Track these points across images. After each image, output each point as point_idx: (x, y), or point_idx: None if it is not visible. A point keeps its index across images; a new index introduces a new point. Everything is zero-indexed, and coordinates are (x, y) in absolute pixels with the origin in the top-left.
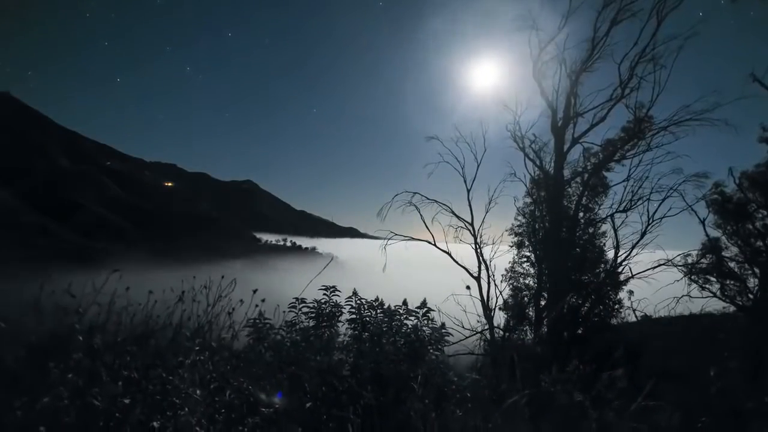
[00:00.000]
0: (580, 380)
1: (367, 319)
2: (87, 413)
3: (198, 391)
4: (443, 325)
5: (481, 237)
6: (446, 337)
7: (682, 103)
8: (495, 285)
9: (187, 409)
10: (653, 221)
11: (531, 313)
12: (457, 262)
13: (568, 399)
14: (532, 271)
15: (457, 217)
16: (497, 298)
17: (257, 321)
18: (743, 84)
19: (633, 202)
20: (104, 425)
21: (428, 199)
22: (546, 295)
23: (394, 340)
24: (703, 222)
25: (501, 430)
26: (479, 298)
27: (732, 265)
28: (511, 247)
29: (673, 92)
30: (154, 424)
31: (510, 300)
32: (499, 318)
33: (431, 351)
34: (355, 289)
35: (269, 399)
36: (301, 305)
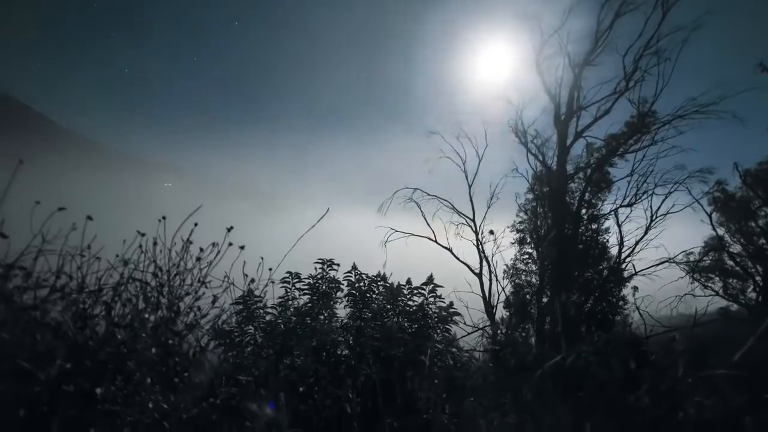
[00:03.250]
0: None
1: (369, 296)
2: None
3: (153, 350)
4: (451, 303)
5: (482, 233)
6: (454, 317)
7: (686, 98)
8: (497, 281)
9: (150, 379)
10: (657, 217)
11: (533, 310)
12: (458, 259)
13: (617, 368)
14: (534, 267)
15: (459, 213)
16: (499, 295)
17: (247, 298)
18: (751, 75)
19: (637, 197)
20: (33, 392)
21: (429, 195)
22: (548, 292)
23: (398, 320)
24: (710, 216)
25: (529, 409)
26: (481, 295)
27: (738, 260)
28: (513, 243)
29: (678, 86)
30: (97, 390)
31: (512, 297)
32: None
33: (438, 332)
34: (354, 263)
35: (249, 368)
36: (294, 280)
